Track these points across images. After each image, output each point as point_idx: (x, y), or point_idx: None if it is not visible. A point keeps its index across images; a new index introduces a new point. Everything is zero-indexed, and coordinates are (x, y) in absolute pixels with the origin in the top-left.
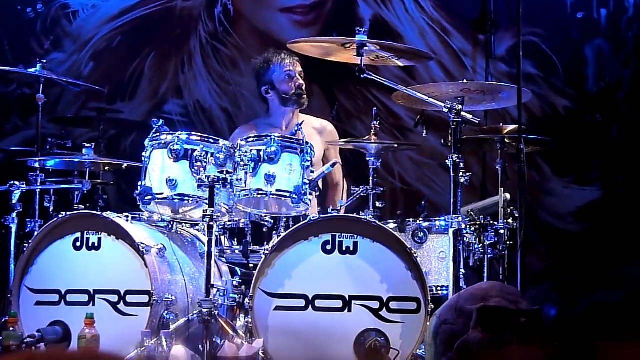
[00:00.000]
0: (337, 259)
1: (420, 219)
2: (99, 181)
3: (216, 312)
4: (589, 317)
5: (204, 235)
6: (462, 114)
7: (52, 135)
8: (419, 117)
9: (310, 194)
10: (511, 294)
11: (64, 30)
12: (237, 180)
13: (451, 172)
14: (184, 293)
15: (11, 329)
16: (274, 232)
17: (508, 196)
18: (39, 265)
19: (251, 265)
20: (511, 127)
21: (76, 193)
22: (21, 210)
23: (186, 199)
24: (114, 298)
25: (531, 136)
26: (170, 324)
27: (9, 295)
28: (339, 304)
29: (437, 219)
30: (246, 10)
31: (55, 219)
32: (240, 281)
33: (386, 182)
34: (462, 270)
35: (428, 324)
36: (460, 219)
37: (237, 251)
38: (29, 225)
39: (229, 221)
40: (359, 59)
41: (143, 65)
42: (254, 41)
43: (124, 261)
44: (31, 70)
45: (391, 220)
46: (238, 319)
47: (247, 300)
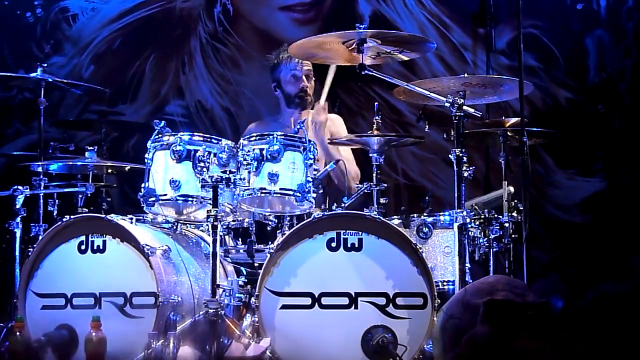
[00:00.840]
0: (342, 256)
1: (425, 214)
2: (102, 184)
3: (222, 312)
4: (597, 309)
5: (209, 235)
6: (464, 108)
7: (54, 139)
8: (420, 112)
9: (315, 191)
10: (517, 287)
11: (63, 34)
12: (240, 179)
13: (454, 167)
14: (189, 294)
15: (18, 334)
16: (278, 230)
17: (512, 189)
18: (44, 269)
19: (256, 265)
20: (513, 120)
21: (80, 196)
22: (25, 214)
23: (190, 199)
24: (120, 300)
25: (533, 128)
26: (177, 325)
27: (14, 300)
28: (345, 301)
29: (441, 213)
30: (245, 9)
31: (60, 222)
32: (246, 280)
33: (389, 178)
34: (467, 265)
35: (435, 319)
36: (464, 213)
37: (242, 251)
38: (33, 230)
39: (233, 221)
40: (360, 58)
41: (144, 67)
42: (254, 40)
43: (129, 263)
44: (32, 75)
45: (395, 216)
46: (244, 319)
47: (253, 299)
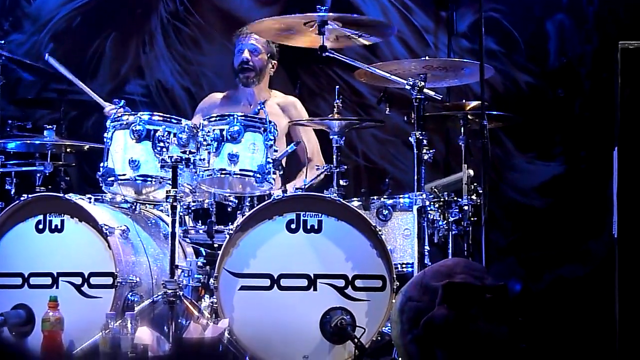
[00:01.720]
0: (301, 238)
1: (385, 196)
2: (60, 163)
3: (181, 293)
4: (554, 292)
5: (168, 215)
6: (425, 90)
7: (12, 117)
8: (381, 95)
9: (274, 172)
10: (476, 270)
11: (23, 11)
12: (200, 160)
13: (414, 149)
14: (148, 274)
15: None
16: (238, 211)
17: (472, 172)
18: (1, 248)
19: (216, 245)
20: (474, 103)
21: (38, 175)
22: None
23: (149, 179)
24: (77, 280)
25: (494, 112)
26: (135, 305)
27: None
28: (304, 282)
29: (401, 196)
30: None
31: (17, 201)
32: (205, 261)
33: (350, 160)
34: (426, 247)
35: (393, 301)
36: (424, 196)
37: (201, 231)
38: None
39: (193, 201)
40: (320, 41)
41: (104, 46)
42: (216, 20)
43: (88, 243)
44: None
45: (355, 198)
46: (203, 300)
47: (212, 280)
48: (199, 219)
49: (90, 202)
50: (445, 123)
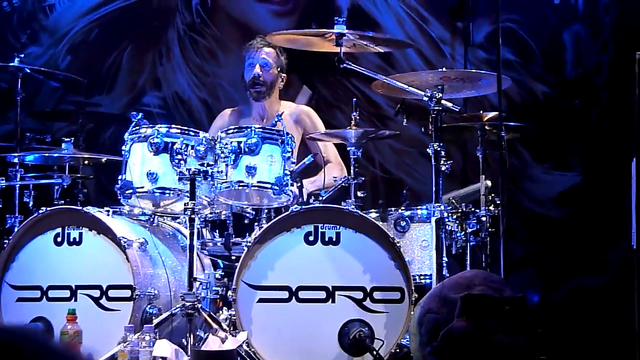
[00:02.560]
0: (319, 250)
1: (402, 207)
2: (78, 175)
3: (199, 306)
4: (572, 302)
5: (186, 228)
6: (442, 102)
7: (30, 130)
8: (399, 106)
9: (292, 184)
10: (495, 281)
11: (40, 24)
12: (217, 172)
13: (432, 161)
14: (166, 287)
15: None
16: (255, 223)
17: (489, 183)
18: (19, 261)
19: (233, 258)
20: (491, 114)
21: (56, 188)
22: (1, 206)
23: (167, 192)
24: (96, 293)
25: (511, 123)
26: (153, 318)
27: None
28: (322, 295)
29: (418, 207)
30: (223, 1)
31: (36, 214)
32: (223, 274)
33: (367, 171)
34: (444, 259)
35: (412, 313)
36: (442, 207)
37: (219, 243)
38: (9, 221)
39: (211, 213)
40: (337, 48)
41: (121, 58)
42: (232, 32)
43: (106, 256)
44: (9, 64)
45: (373, 210)
46: (221, 312)
47: (230, 292)
48: (216, 230)
49: (109, 215)
50: (463, 134)
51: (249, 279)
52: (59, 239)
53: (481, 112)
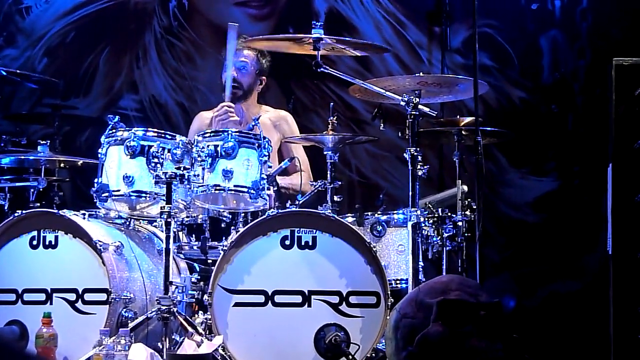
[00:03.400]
0: (296, 254)
1: (379, 212)
2: (54, 178)
3: (175, 310)
4: (548, 307)
5: (162, 231)
6: (419, 106)
7: (6, 133)
8: (376, 110)
9: (269, 189)
10: (471, 286)
11: (17, 26)
12: (194, 176)
13: (409, 165)
14: (142, 290)
15: None
16: (232, 227)
17: (465, 188)
18: None
19: (210, 261)
20: (468, 119)
21: (32, 191)
22: None
23: (143, 195)
24: (71, 296)
25: (488, 128)
26: (129, 322)
27: None
28: (298, 299)
29: (395, 212)
30: (201, 4)
31: (11, 217)
32: (199, 277)
33: (344, 175)
34: (421, 263)
35: (388, 318)
36: (418, 211)
37: (195, 247)
38: None
39: (187, 217)
40: (315, 52)
41: (97, 61)
42: (209, 35)
43: (82, 259)
44: None
45: (349, 214)
46: (197, 316)
47: (206, 296)
48: (193, 234)
49: (85, 218)
50: (440, 139)
51: (225, 282)
52: (34, 242)
53: (458, 117)
